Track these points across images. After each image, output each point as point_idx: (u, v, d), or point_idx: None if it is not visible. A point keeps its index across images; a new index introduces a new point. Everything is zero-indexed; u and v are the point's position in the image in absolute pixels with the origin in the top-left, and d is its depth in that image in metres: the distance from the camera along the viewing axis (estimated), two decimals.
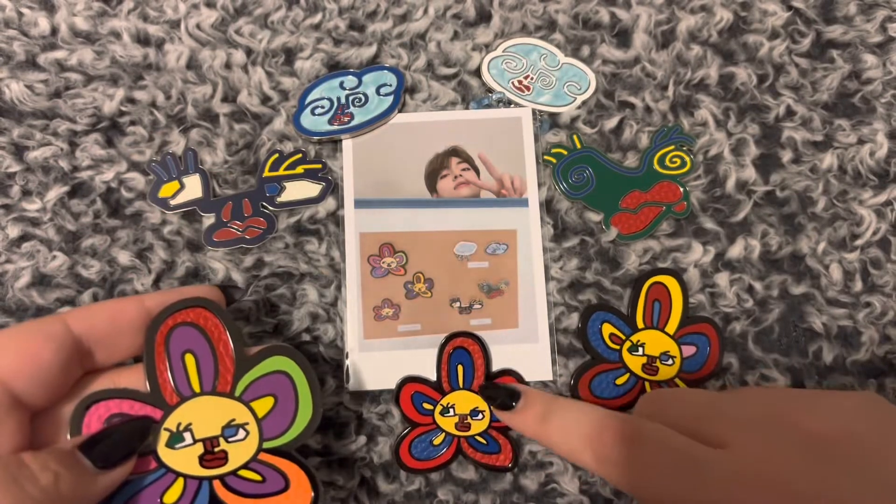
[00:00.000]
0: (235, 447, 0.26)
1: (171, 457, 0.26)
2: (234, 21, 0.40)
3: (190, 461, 0.26)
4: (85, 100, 0.39)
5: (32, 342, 0.24)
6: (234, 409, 0.26)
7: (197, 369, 0.26)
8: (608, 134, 0.39)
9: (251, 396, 0.27)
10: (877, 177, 0.38)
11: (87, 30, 0.40)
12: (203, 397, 0.26)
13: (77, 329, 0.25)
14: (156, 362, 0.26)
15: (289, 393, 0.27)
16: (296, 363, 0.27)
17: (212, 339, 0.26)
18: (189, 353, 0.26)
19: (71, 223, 0.37)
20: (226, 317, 0.27)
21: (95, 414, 0.25)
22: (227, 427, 0.26)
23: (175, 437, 0.26)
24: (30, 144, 0.38)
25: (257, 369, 0.27)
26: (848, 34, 0.40)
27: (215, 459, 0.26)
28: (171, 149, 0.38)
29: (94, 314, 0.26)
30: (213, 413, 0.26)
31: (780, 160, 0.38)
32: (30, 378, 0.23)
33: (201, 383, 0.26)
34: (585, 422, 0.29)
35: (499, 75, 0.39)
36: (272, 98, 0.39)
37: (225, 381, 0.26)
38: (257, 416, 0.26)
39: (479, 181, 0.38)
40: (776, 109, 0.39)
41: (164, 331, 0.26)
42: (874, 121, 0.38)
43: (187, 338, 0.26)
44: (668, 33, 0.40)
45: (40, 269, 0.36)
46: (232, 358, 0.26)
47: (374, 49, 0.40)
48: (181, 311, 0.26)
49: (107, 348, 0.26)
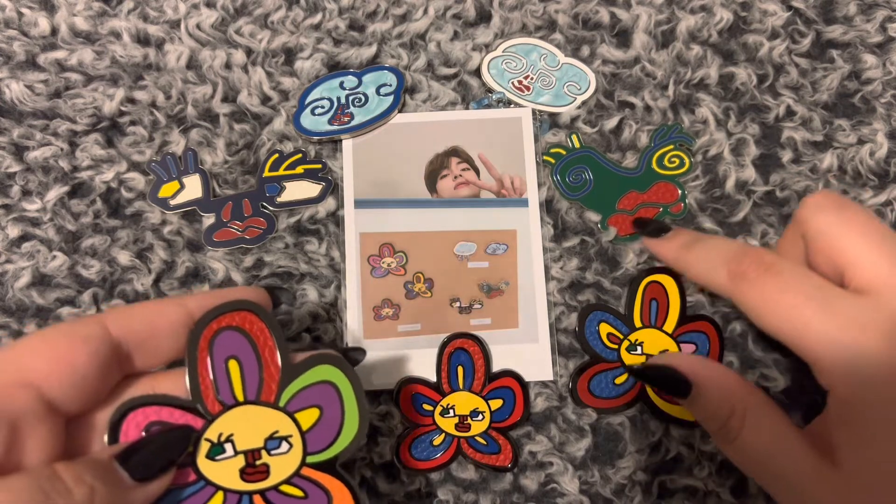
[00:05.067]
0: (278, 461, 0.25)
1: (210, 469, 0.24)
2: (234, 21, 0.40)
3: (230, 474, 0.25)
4: (85, 100, 0.39)
5: (68, 345, 0.22)
6: (278, 420, 0.25)
7: (241, 377, 0.25)
8: (608, 134, 0.39)
9: (296, 407, 0.25)
10: (877, 177, 0.38)
11: (87, 30, 0.40)
12: (246, 406, 0.25)
13: (115, 332, 0.24)
14: (198, 368, 0.24)
15: (335, 405, 0.25)
16: (343, 374, 0.26)
17: (257, 346, 0.25)
18: (233, 359, 0.25)
19: (71, 223, 0.37)
20: (272, 322, 0.25)
21: (133, 421, 0.24)
22: (270, 439, 0.25)
23: (216, 448, 0.24)
24: (30, 144, 0.38)
25: (303, 378, 0.25)
26: (848, 34, 0.40)
27: (257, 473, 0.25)
28: (171, 149, 0.38)
29: (133, 316, 0.24)
30: (256, 424, 0.25)
31: (780, 160, 0.38)
32: (64, 383, 0.22)
33: (245, 392, 0.25)
34: (726, 247, 0.29)
35: (499, 75, 0.39)
36: (272, 98, 0.39)
37: (269, 389, 0.25)
38: (301, 428, 0.25)
39: (479, 181, 0.38)
40: (776, 109, 0.39)
41: (207, 335, 0.24)
42: (874, 121, 0.38)
43: (232, 343, 0.25)
44: (667, 33, 0.40)
45: (40, 269, 0.36)
46: (277, 366, 0.25)
47: (374, 49, 0.40)
48: (226, 314, 0.25)
49: (146, 352, 0.25)
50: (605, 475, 0.34)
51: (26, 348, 0.22)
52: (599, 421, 0.35)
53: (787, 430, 0.27)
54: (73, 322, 0.24)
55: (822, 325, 0.25)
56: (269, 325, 0.25)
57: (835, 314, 0.25)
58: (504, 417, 0.34)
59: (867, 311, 0.25)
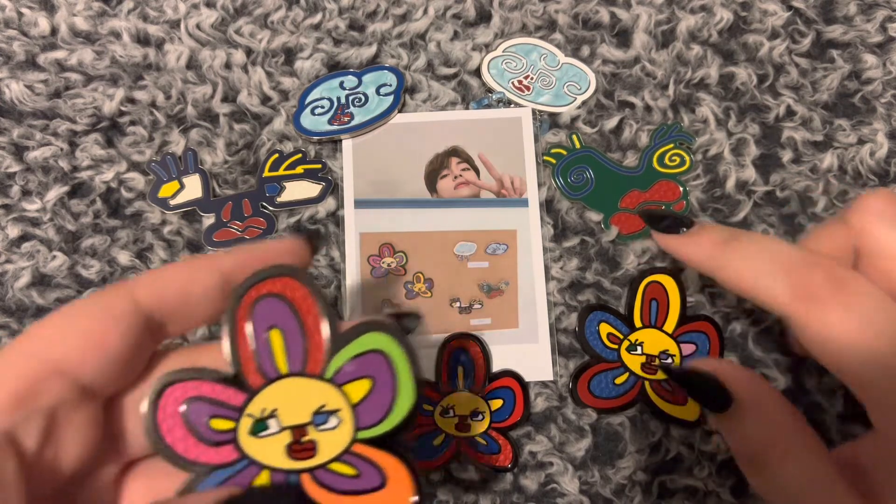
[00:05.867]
0: (326, 437, 0.23)
1: (254, 447, 0.23)
2: (234, 21, 0.40)
3: (276, 452, 0.23)
4: (85, 100, 0.39)
5: (97, 324, 0.21)
6: (325, 393, 0.23)
7: (284, 347, 0.23)
8: (608, 134, 0.39)
9: (344, 379, 0.23)
10: (877, 177, 0.38)
11: (86, 30, 0.40)
12: (290, 379, 0.23)
13: (146, 303, 0.22)
14: (238, 339, 0.22)
15: (387, 376, 0.23)
16: (396, 342, 0.23)
17: (300, 313, 0.23)
18: (275, 328, 0.23)
19: (71, 223, 0.37)
20: (315, 288, 0.23)
21: (172, 397, 0.22)
22: (318, 413, 0.23)
23: (259, 424, 0.23)
24: (30, 144, 0.38)
25: (351, 348, 0.23)
26: (848, 34, 0.40)
27: (304, 450, 0.23)
28: (171, 149, 0.38)
29: (164, 285, 0.22)
30: (302, 397, 0.23)
31: (781, 160, 0.38)
32: (98, 366, 0.20)
33: (289, 363, 0.23)
34: (786, 252, 0.24)
35: (499, 75, 0.39)
36: (272, 98, 0.39)
37: (315, 360, 0.23)
38: (351, 401, 0.23)
39: (479, 181, 0.38)
40: (776, 109, 0.39)
41: (246, 304, 0.22)
42: (874, 121, 0.38)
43: (273, 311, 0.23)
44: (668, 33, 0.40)
45: (40, 269, 0.36)
46: (323, 335, 0.23)
47: (374, 49, 0.40)
48: (266, 280, 0.22)
49: (179, 321, 0.23)
50: (605, 475, 0.34)
51: (54, 332, 0.20)
52: (599, 421, 0.35)
53: (828, 469, 0.24)
54: (99, 296, 0.21)
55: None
56: (312, 290, 0.23)
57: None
58: (504, 417, 0.34)
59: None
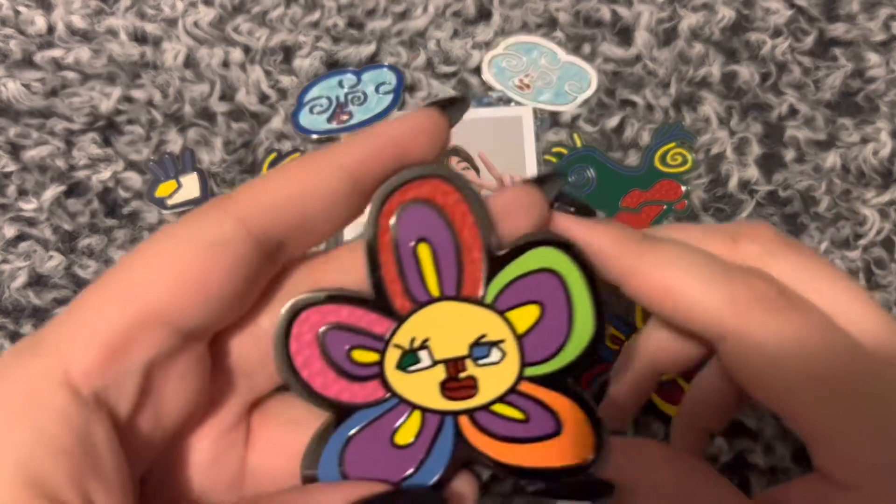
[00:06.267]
0: (487, 373, 0.19)
1: (403, 382, 0.19)
2: (232, 19, 0.40)
3: (428, 389, 0.19)
4: (82, 98, 0.39)
5: (194, 259, 0.17)
6: (486, 321, 0.19)
7: (435, 265, 0.19)
8: (609, 133, 0.38)
9: (508, 304, 0.19)
10: (880, 176, 0.38)
11: (83, 28, 0.40)
12: (443, 303, 0.19)
13: (253, 223, 0.17)
14: (380, 255, 0.19)
15: (560, 300, 0.19)
16: (570, 259, 0.19)
17: (453, 224, 0.19)
18: (424, 242, 0.19)
19: (68, 223, 0.37)
20: (471, 192, 0.19)
21: (306, 324, 0.18)
22: (477, 345, 0.19)
23: (408, 356, 0.19)
24: (26, 143, 0.38)
25: (516, 266, 0.19)
26: (851, 32, 0.40)
27: (462, 388, 0.19)
28: (169, 148, 0.38)
29: (273, 197, 0.17)
30: (458, 325, 0.19)
31: (783, 159, 0.38)
32: (200, 307, 0.17)
33: (441, 285, 0.19)
34: (711, 257, 0.19)
35: (499, 74, 0.39)
36: (270, 97, 0.39)
37: (472, 281, 0.19)
38: (517, 331, 0.19)
39: (480, 180, 0.38)
40: (779, 108, 0.38)
41: (389, 212, 0.18)
42: (877, 119, 0.38)
43: (421, 221, 0.19)
44: (669, 31, 0.40)
45: (37, 269, 0.36)
46: (482, 250, 0.19)
47: (374, 47, 0.40)
48: (411, 183, 0.18)
49: (300, 237, 0.18)
50: None
51: (146, 272, 0.17)
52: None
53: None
54: (195, 220, 0.17)
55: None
56: (467, 196, 0.19)
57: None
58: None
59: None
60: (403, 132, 0.18)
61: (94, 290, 0.17)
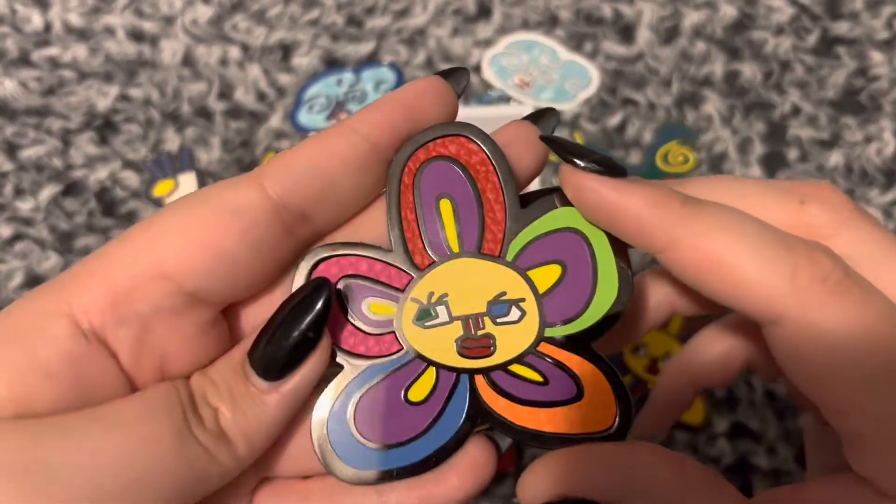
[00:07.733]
0: (506, 332, 0.19)
1: (419, 338, 0.19)
2: (230, 17, 0.40)
3: (444, 346, 0.19)
4: (79, 97, 0.39)
5: (211, 223, 0.17)
6: (506, 279, 0.19)
7: (456, 221, 0.19)
8: (611, 131, 0.38)
9: (529, 263, 0.19)
10: (883, 175, 0.37)
11: (81, 26, 0.40)
12: (463, 259, 0.19)
13: (277, 194, 0.18)
14: (401, 210, 0.19)
15: (583, 259, 0.19)
16: None
17: (476, 181, 0.19)
18: (445, 198, 0.19)
19: (65, 222, 0.37)
20: (495, 150, 0.19)
21: (326, 275, 0.19)
22: (496, 303, 0.19)
23: (425, 311, 0.19)
24: (23, 142, 0.38)
25: (538, 225, 0.19)
26: (854, 31, 0.40)
27: (479, 346, 0.19)
28: (166, 147, 0.38)
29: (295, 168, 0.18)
30: (477, 282, 0.19)
31: (786, 158, 0.38)
32: (207, 270, 0.17)
33: (461, 241, 0.19)
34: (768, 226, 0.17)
35: (499, 72, 0.39)
36: (269, 95, 0.39)
37: (493, 238, 0.19)
38: (538, 290, 0.19)
39: None
40: (782, 107, 0.38)
41: (412, 167, 0.19)
42: (881, 119, 0.38)
43: (444, 177, 0.19)
44: (671, 29, 0.40)
45: (34, 269, 0.36)
46: (503, 207, 0.19)
47: (373, 45, 0.40)
48: (436, 140, 0.19)
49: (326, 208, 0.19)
50: None
51: (159, 231, 0.17)
52: None
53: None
54: (224, 185, 0.18)
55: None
56: (490, 154, 0.19)
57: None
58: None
59: None
60: (414, 95, 0.19)
61: (114, 243, 0.17)
